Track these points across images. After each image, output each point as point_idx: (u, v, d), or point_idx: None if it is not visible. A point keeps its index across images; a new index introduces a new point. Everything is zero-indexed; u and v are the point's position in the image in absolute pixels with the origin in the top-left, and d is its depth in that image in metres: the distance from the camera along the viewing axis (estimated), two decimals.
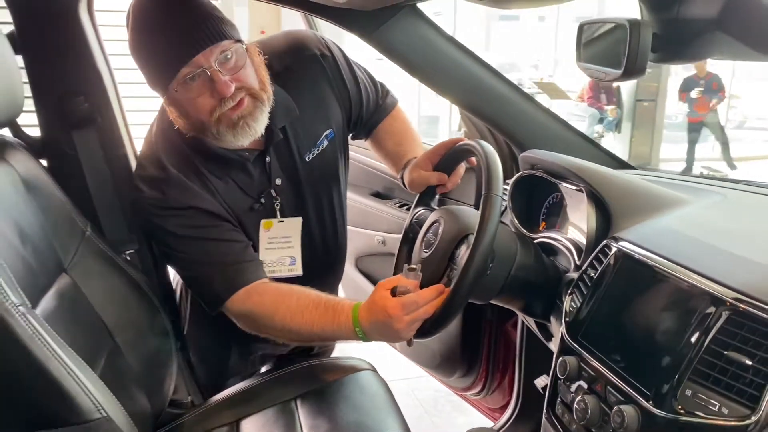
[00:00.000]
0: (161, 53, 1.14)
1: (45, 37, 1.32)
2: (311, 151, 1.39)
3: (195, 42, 1.12)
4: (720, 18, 0.73)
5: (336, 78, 1.40)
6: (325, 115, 1.40)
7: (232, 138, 1.21)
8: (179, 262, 1.34)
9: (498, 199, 1.11)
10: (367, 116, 1.51)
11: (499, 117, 1.46)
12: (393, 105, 1.54)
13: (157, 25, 1.14)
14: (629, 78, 0.83)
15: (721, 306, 0.80)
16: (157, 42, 1.14)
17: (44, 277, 1.15)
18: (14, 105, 1.15)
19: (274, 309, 1.26)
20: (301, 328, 1.24)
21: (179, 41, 1.12)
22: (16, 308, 0.89)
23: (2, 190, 1.13)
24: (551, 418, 1.03)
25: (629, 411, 0.84)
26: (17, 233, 1.10)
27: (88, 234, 1.34)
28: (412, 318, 1.14)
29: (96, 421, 0.93)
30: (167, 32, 1.13)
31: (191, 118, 1.21)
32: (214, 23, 1.15)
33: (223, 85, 1.14)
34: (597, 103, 8.16)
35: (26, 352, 0.89)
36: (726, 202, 1.15)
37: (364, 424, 1.28)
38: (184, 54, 1.12)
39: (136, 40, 1.17)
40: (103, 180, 1.43)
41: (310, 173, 1.40)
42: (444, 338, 1.98)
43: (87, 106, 1.38)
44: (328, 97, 1.40)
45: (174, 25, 1.13)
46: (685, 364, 0.80)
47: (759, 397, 0.72)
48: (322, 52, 1.39)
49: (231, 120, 1.19)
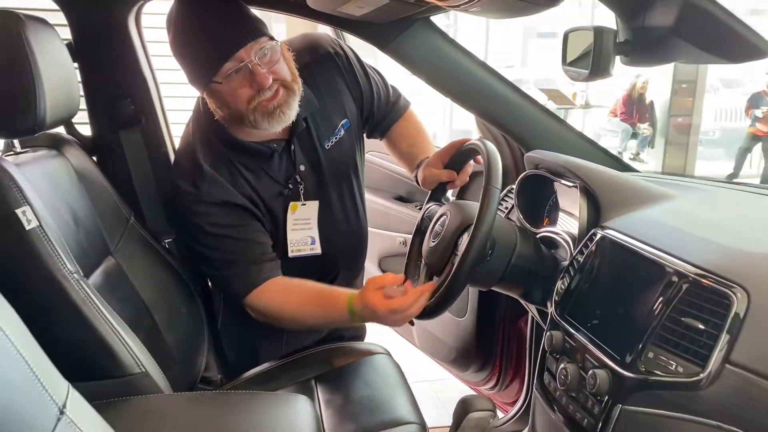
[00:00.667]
0: (205, 50, 1.29)
1: (98, 47, 1.49)
2: (330, 139, 1.53)
3: (237, 39, 1.26)
4: (676, 25, 0.84)
5: (349, 73, 1.56)
6: (341, 106, 1.55)
7: (267, 125, 1.35)
8: (205, 260, 1.47)
9: (496, 191, 1.22)
10: (380, 114, 1.65)
11: (506, 120, 1.57)
12: (405, 107, 1.68)
13: (199, 25, 1.29)
14: (595, 78, 0.94)
15: (682, 279, 0.90)
16: (200, 40, 1.29)
17: (93, 257, 1.30)
18: (71, 106, 1.30)
19: (282, 305, 1.44)
20: (307, 319, 1.44)
21: (222, 39, 1.26)
22: (72, 275, 1.05)
23: (59, 179, 1.29)
24: (539, 387, 1.14)
25: (601, 374, 0.94)
26: (71, 217, 1.25)
27: (132, 222, 1.50)
28: (401, 318, 1.29)
29: (135, 376, 1.07)
30: (210, 31, 1.27)
31: (231, 108, 1.35)
32: (251, 22, 1.30)
33: (263, 77, 1.28)
34: (629, 119, 8.14)
35: (79, 313, 1.04)
36: (708, 197, 1.25)
37: (376, 398, 1.39)
38: (228, 50, 1.27)
39: (179, 40, 1.31)
40: (146, 175, 1.59)
41: (330, 159, 1.54)
42: (460, 335, 2.07)
43: (133, 108, 1.54)
44: (342, 90, 1.55)
45: (216, 25, 1.27)
46: (650, 331, 0.90)
47: (708, 356, 0.82)
48: (336, 51, 1.55)
49: (267, 109, 1.33)
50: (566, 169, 1.32)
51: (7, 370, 0.69)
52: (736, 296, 0.83)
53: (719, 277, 0.86)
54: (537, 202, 1.54)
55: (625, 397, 0.91)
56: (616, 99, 8.48)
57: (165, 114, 1.64)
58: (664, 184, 1.35)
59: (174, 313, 1.51)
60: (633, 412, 0.90)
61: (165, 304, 1.48)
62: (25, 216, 1.00)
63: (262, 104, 1.32)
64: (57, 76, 1.19)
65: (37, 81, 1.10)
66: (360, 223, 1.66)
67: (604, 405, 0.94)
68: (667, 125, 8.03)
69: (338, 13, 1.34)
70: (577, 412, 1.00)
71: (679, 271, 0.91)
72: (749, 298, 0.82)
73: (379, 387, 1.44)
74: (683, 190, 1.29)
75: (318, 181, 1.54)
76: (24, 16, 1.13)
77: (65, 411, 0.75)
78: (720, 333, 0.82)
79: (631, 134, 8.22)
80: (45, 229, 1.04)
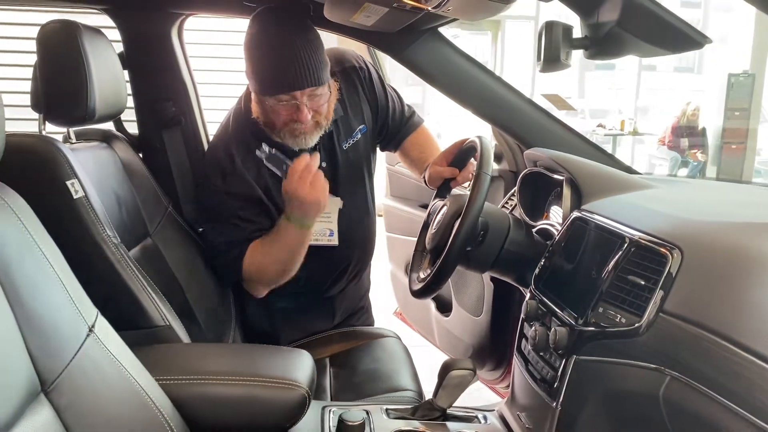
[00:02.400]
0: (271, 74, 1.47)
1: (145, 56, 1.71)
2: (348, 141, 1.72)
3: (301, 81, 1.44)
4: (621, 20, 0.97)
5: (369, 87, 1.75)
6: (360, 113, 1.74)
7: (290, 143, 1.57)
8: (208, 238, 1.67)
9: (486, 177, 1.36)
10: (394, 127, 1.84)
11: (510, 123, 1.70)
12: (419, 123, 1.88)
13: (279, 48, 1.45)
14: (548, 69, 1.07)
15: (630, 244, 1.01)
16: (269, 64, 1.47)
17: (133, 235, 1.49)
18: (119, 104, 1.51)
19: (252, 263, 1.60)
20: (278, 260, 1.59)
21: (289, 74, 1.44)
22: (110, 239, 1.23)
23: (106, 166, 1.49)
24: (517, 351, 1.25)
25: (561, 331, 1.06)
26: (115, 198, 1.45)
27: (170, 210, 1.69)
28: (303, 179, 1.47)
29: (160, 328, 1.24)
30: (284, 59, 1.44)
31: (267, 119, 1.55)
32: (318, 68, 1.47)
33: (304, 116, 1.49)
34: (678, 147, 8.06)
35: (114, 270, 1.22)
36: (687, 186, 1.35)
37: (380, 370, 1.53)
38: (289, 87, 1.45)
39: (256, 50, 1.48)
40: (185, 170, 1.79)
41: (346, 159, 1.72)
42: (476, 333, 2.17)
43: (174, 110, 1.75)
44: (362, 100, 1.74)
45: (292, 57, 1.43)
46: (601, 290, 1.02)
47: (645, 307, 0.93)
48: (360, 65, 1.75)
49: (294, 132, 1.54)
50: (555, 162, 1.44)
51: (50, 290, 0.87)
52: (672, 255, 0.93)
53: (659, 240, 0.97)
54: (539, 198, 1.66)
55: (578, 349, 1.03)
56: (666, 126, 8.41)
57: (203, 116, 1.84)
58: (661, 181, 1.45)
59: (204, 293, 1.68)
60: (585, 360, 1.01)
61: (196, 284, 1.65)
62: (73, 187, 1.19)
63: (291, 128, 1.52)
64: (107, 76, 1.39)
65: (89, 79, 1.30)
66: (370, 218, 1.82)
67: (562, 357, 1.05)
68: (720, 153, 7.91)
69: (352, 24, 1.51)
70: (543, 368, 1.12)
71: (628, 237, 1.02)
72: (683, 257, 0.93)
73: (384, 362, 1.58)
74: (668, 183, 1.40)
75: (335, 178, 1.71)
76: (82, 25, 1.35)
77: (94, 330, 0.92)
78: (656, 287, 0.93)
79: (681, 162, 8.13)
80: (90, 199, 1.23)
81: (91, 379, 0.89)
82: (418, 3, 1.07)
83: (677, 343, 0.88)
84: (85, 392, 0.87)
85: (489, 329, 2.10)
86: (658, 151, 8.48)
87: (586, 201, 1.31)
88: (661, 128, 8.54)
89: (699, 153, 8.00)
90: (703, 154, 8.08)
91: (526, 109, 1.67)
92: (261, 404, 1.12)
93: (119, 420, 0.91)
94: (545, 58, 1.05)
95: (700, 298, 0.88)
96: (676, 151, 8.14)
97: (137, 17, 1.68)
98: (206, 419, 1.09)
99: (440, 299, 2.21)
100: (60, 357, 0.85)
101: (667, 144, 8.17)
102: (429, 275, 1.41)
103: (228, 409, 1.11)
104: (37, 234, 0.87)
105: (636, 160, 9.36)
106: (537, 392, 1.14)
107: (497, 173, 2.01)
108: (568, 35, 1.04)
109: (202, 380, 1.11)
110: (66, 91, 1.29)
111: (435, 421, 1.27)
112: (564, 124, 1.70)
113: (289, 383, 1.12)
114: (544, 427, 1.12)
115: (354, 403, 1.36)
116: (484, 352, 2.18)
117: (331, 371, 1.59)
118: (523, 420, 1.23)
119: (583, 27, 1.06)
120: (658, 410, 0.87)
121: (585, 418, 1.03)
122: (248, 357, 1.27)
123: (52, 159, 1.20)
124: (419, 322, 2.49)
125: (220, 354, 1.30)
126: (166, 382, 1.06)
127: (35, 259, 0.85)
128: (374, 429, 1.21)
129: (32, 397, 0.80)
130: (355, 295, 1.90)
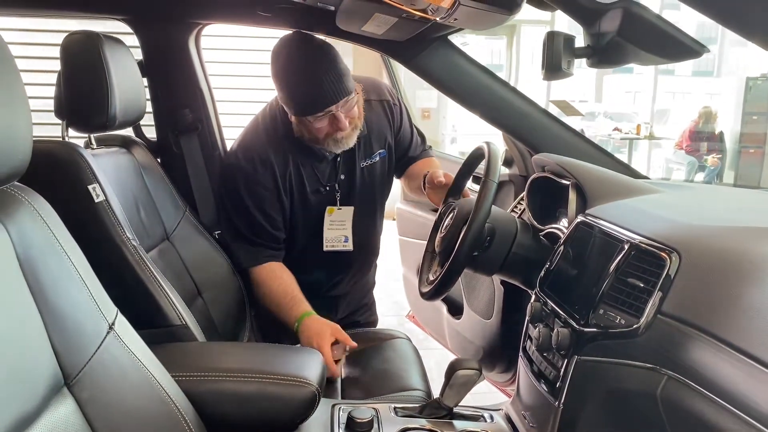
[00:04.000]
0: (307, 98, 1.59)
1: (164, 65, 1.77)
2: (366, 161, 1.83)
3: (334, 96, 1.57)
4: (621, 30, 1.00)
5: (397, 121, 1.88)
6: (383, 140, 1.86)
7: (333, 149, 1.69)
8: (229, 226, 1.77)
9: (493, 184, 1.39)
10: (407, 160, 1.97)
11: (520, 128, 1.73)
12: (429, 155, 2.01)
13: (307, 67, 1.57)
14: (550, 78, 1.10)
15: (631, 246, 1.04)
16: (303, 89, 1.59)
17: (152, 237, 1.54)
18: (138, 111, 1.56)
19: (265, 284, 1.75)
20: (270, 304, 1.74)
21: (322, 91, 1.56)
22: (129, 241, 1.28)
23: (126, 172, 1.54)
24: (523, 352, 1.28)
25: (564, 332, 1.08)
26: (134, 202, 1.50)
27: (187, 214, 1.74)
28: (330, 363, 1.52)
29: (176, 327, 1.28)
30: (314, 78, 1.56)
31: (311, 135, 1.66)
32: (344, 80, 1.58)
33: (344, 124, 1.61)
34: (696, 152, 8.00)
35: (132, 271, 1.27)
36: (691, 191, 1.37)
37: (390, 370, 1.57)
38: (325, 104, 1.57)
39: (288, 79, 1.61)
40: (201, 174, 1.84)
41: (363, 177, 1.83)
42: (486, 335, 2.20)
43: (191, 117, 1.80)
44: (387, 130, 1.87)
45: (321, 75, 1.55)
46: (602, 292, 1.05)
47: (644, 308, 0.96)
48: (393, 101, 1.88)
49: (336, 139, 1.65)
50: (561, 167, 1.47)
51: (72, 289, 0.91)
52: (670, 258, 0.96)
53: (659, 243, 1.00)
54: (549, 202, 1.69)
55: (580, 349, 1.05)
56: (683, 130, 8.36)
57: (219, 122, 1.89)
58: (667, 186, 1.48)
59: (220, 295, 1.73)
60: (586, 360, 1.04)
61: (212, 285, 1.71)
62: (94, 191, 1.24)
63: (334, 138, 1.64)
64: (127, 84, 1.45)
65: (110, 87, 1.36)
66: (376, 229, 1.96)
67: (564, 358, 1.08)
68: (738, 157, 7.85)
69: (364, 33, 1.55)
70: (546, 368, 1.15)
71: (629, 241, 1.05)
72: (681, 260, 0.95)
73: (394, 362, 1.61)
74: (673, 188, 1.42)
75: (350, 191, 1.82)
76: (103, 35, 1.40)
77: (114, 327, 0.96)
78: (654, 289, 0.96)
79: (698, 167, 8.08)
80: (110, 203, 1.28)
81: (112, 374, 0.93)
82: (424, 14, 1.10)
83: (674, 343, 0.91)
84: (106, 386, 0.92)
85: (499, 332, 2.12)
86: (675, 156, 8.44)
87: (591, 205, 1.34)
88: (678, 132, 8.49)
89: (716, 157, 7.94)
90: (720, 159, 8.02)
91: (534, 115, 1.71)
92: (273, 400, 1.16)
93: (137, 413, 0.96)
94: (547, 67, 1.08)
95: (696, 300, 0.90)
96: (693, 155, 8.09)
97: (156, 27, 1.74)
98: (220, 414, 1.13)
99: (451, 302, 2.24)
100: (82, 352, 0.89)
101: (685, 148, 8.12)
102: (437, 278, 1.45)
103: (241, 405, 1.15)
104: (60, 236, 0.91)
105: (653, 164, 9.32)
106: (540, 392, 1.17)
107: (507, 177, 2.04)
108: (569, 45, 1.07)
109: (216, 377, 1.15)
110: (88, 100, 1.35)
111: (442, 419, 1.30)
112: (572, 129, 1.73)
113: (300, 381, 1.16)
114: (547, 426, 1.14)
115: (363, 401, 1.40)
116: (494, 354, 2.21)
117: (342, 371, 1.63)
118: (528, 419, 1.26)
119: (586, 36, 1.09)
120: (656, 409, 0.90)
121: (586, 417, 1.06)
122: (261, 355, 1.32)
123: (75, 164, 1.26)
124: (431, 325, 2.52)
125: (233, 352, 1.35)
126: (182, 378, 1.10)
127: (59, 260, 0.90)
128: (382, 426, 1.25)
129: (56, 390, 0.85)
130: (360, 292, 2.03)
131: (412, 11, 1.14)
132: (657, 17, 0.97)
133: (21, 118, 0.79)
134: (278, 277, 1.75)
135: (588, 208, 1.34)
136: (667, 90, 13.96)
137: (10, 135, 0.77)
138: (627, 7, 1.00)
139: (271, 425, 1.18)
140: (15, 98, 0.78)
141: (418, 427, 1.26)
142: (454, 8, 0.99)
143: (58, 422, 0.83)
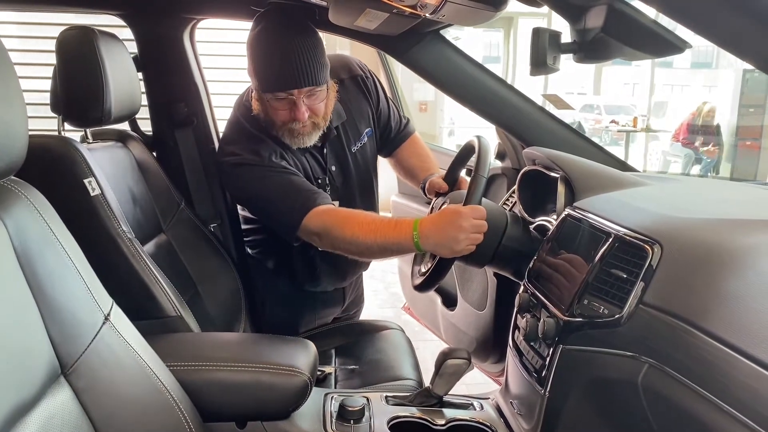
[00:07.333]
0: (271, 72, 1.51)
1: (158, 59, 1.79)
2: (356, 144, 1.79)
3: (300, 80, 1.49)
4: (605, 26, 1.02)
5: (372, 94, 1.83)
6: (366, 117, 1.81)
7: (289, 142, 1.61)
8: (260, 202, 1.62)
9: (482, 179, 1.41)
10: (389, 134, 1.91)
11: (512, 122, 1.75)
12: (412, 131, 1.95)
13: (281, 47, 1.49)
14: (536, 73, 1.12)
15: (615, 238, 1.06)
16: (270, 62, 1.50)
17: (147, 231, 1.56)
18: (133, 106, 1.58)
19: (344, 222, 1.49)
20: (368, 236, 1.46)
21: (289, 72, 1.48)
22: (125, 233, 1.30)
23: (122, 166, 1.56)
24: (511, 342, 1.31)
25: (549, 321, 1.11)
26: (130, 196, 1.52)
27: (182, 207, 1.76)
28: (473, 233, 1.38)
29: (172, 318, 1.31)
30: (285, 59, 1.48)
31: (267, 115, 1.59)
32: (317, 69, 1.51)
33: (301, 114, 1.52)
34: (692, 144, 8.03)
35: (129, 264, 1.29)
36: (677, 184, 1.39)
37: (382, 360, 1.59)
38: (286, 85, 1.50)
39: (258, 49, 1.52)
40: (196, 168, 1.86)
41: (356, 162, 1.79)
42: (480, 327, 2.23)
43: (186, 111, 1.82)
44: (366, 106, 1.81)
45: (293, 57, 1.48)
46: (586, 283, 1.07)
47: (627, 299, 0.98)
48: (365, 74, 1.83)
49: (292, 132, 1.58)
50: (550, 160, 1.49)
51: (68, 281, 0.94)
52: (652, 250, 0.98)
53: (641, 235, 1.02)
54: (540, 196, 1.71)
55: (565, 338, 1.08)
56: (680, 123, 8.38)
57: (214, 116, 1.91)
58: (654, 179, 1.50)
59: (215, 286, 1.75)
60: (570, 350, 1.07)
61: (208, 278, 1.73)
62: (90, 185, 1.27)
63: (290, 128, 1.57)
64: (122, 80, 1.47)
65: (105, 82, 1.38)
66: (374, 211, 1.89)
67: (549, 347, 1.11)
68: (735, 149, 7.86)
69: (356, 27, 1.57)
70: (533, 357, 1.17)
71: (613, 232, 1.08)
72: (662, 251, 0.98)
73: (387, 352, 1.64)
74: (659, 181, 1.44)
75: (345, 180, 1.78)
76: (98, 31, 1.42)
77: (109, 318, 0.99)
78: (637, 280, 0.98)
79: (694, 159, 8.10)
80: (106, 197, 1.30)
81: (107, 363, 0.96)
82: (414, 10, 1.12)
83: (655, 332, 0.93)
84: (101, 376, 0.94)
85: (492, 323, 2.15)
86: (672, 148, 8.46)
87: (578, 198, 1.36)
88: (676, 125, 8.51)
89: (713, 149, 7.96)
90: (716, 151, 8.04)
91: (526, 109, 1.73)
92: (266, 389, 1.18)
93: (133, 402, 0.98)
94: (533, 62, 1.11)
95: (677, 290, 0.93)
96: (690, 148, 8.11)
97: (151, 22, 1.76)
98: (214, 403, 1.16)
99: (446, 294, 2.26)
100: (78, 342, 0.92)
101: (681, 141, 8.14)
102: (428, 270, 1.47)
103: (235, 394, 1.18)
104: (56, 228, 0.94)
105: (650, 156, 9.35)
106: (527, 380, 1.20)
107: (500, 171, 2.06)
108: (555, 40, 1.09)
109: (210, 367, 1.18)
110: (84, 95, 1.37)
111: (432, 407, 1.33)
112: (563, 122, 1.75)
113: (293, 370, 1.18)
114: (533, 414, 1.17)
115: (355, 391, 1.43)
116: (487, 345, 2.24)
117: (336, 361, 1.66)
118: (515, 407, 1.29)
119: (572, 32, 1.11)
120: (637, 397, 0.92)
121: (571, 405, 1.09)
122: (254, 345, 1.35)
123: (71, 158, 1.28)
124: (426, 316, 2.55)
125: (228, 342, 1.37)
126: (177, 368, 1.13)
127: (55, 252, 0.92)
128: (373, 415, 1.27)
129: (53, 379, 0.87)
130: (359, 282, 2.03)
131: (401, 7, 1.16)
132: (640, 14, 1.00)
133: (17, 113, 0.81)
134: (344, 210, 1.56)
135: (576, 201, 1.36)
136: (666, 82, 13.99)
137: (6, 130, 0.79)
138: (611, 3, 1.02)
139: (264, 414, 1.21)
140: (10, 92, 0.80)
141: (408, 415, 1.29)
142: (442, 5, 1.01)
143: (55, 410, 0.86)
